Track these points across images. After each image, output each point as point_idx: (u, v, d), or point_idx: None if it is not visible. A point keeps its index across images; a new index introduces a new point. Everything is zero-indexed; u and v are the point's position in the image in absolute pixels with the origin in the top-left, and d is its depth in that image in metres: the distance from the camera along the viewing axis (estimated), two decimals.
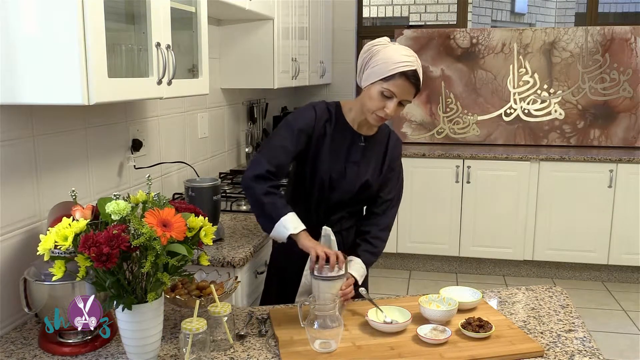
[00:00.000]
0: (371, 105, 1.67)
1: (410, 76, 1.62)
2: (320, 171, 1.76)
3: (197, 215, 1.30)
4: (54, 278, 1.19)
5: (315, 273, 1.55)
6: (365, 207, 1.91)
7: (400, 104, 1.66)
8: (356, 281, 1.70)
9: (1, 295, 1.47)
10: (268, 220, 1.68)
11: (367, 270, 1.80)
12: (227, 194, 2.59)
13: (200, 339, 1.28)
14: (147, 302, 1.22)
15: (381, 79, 1.64)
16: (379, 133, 1.84)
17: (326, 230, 1.72)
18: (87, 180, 1.86)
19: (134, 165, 2.15)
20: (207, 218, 1.31)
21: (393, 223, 1.89)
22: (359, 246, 1.81)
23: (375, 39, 1.71)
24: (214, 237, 1.40)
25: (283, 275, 1.92)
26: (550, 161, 4.02)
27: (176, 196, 2.45)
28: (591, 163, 3.96)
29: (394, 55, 1.64)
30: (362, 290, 1.68)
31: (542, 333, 1.48)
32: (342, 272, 1.56)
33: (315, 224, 1.74)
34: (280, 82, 3.20)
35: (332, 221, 1.80)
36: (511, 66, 4.48)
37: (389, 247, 4.34)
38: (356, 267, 1.73)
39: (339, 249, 1.71)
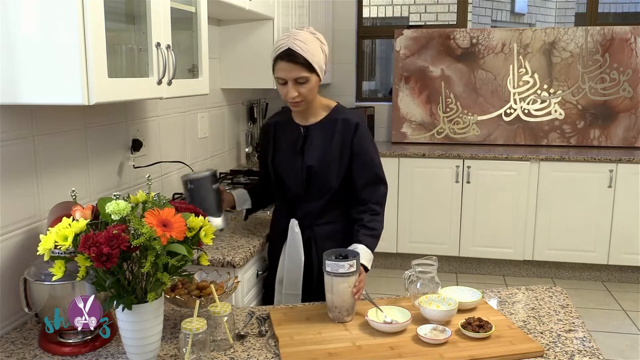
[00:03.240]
0: (281, 96, 1.81)
1: (283, 56, 1.73)
2: (269, 167, 1.96)
3: (197, 215, 1.30)
4: (54, 278, 1.19)
5: (329, 269, 1.57)
6: (351, 197, 1.92)
7: (298, 82, 1.75)
8: (365, 268, 1.75)
9: (1, 295, 1.48)
10: None
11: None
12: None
13: (200, 339, 1.28)
14: (147, 302, 1.22)
15: (273, 73, 1.80)
16: (325, 121, 1.88)
17: (293, 222, 1.93)
18: (87, 180, 1.86)
19: (133, 165, 2.15)
20: (209, 210, 1.32)
21: (384, 199, 1.89)
22: (358, 232, 1.84)
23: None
24: (221, 226, 1.46)
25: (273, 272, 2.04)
26: (550, 161, 4.02)
27: (176, 196, 2.45)
28: (591, 163, 3.96)
29: (273, 47, 1.80)
30: None
31: (542, 333, 1.48)
32: (354, 268, 1.58)
33: (285, 219, 1.95)
34: None
35: (300, 215, 1.92)
36: (511, 66, 4.48)
37: (389, 247, 4.35)
38: (362, 253, 1.75)
39: (309, 243, 1.93)
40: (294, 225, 1.92)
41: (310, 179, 1.86)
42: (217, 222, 1.95)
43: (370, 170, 1.87)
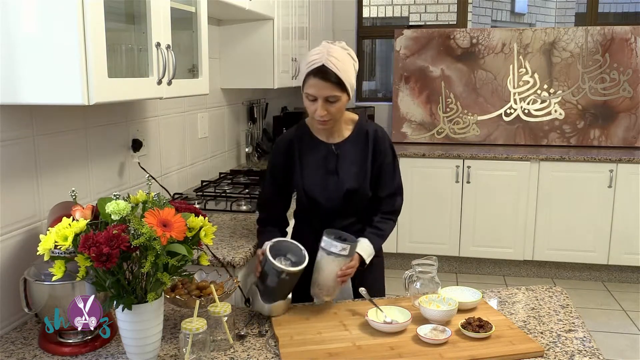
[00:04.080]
0: (308, 112, 1.74)
1: (316, 73, 1.65)
2: (297, 187, 1.84)
3: (197, 215, 1.30)
4: (54, 278, 1.19)
5: (322, 245, 1.61)
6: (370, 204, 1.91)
7: (329, 101, 1.68)
8: (362, 262, 1.75)
9: (1, 295, 1.48)
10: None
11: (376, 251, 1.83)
12: (227, 194, 2.59)
13: (200, 339, 1.28)
14: (147, 302, 1.22)
15: (302, 87, 1.71)
16: (355, 135, 1.83)
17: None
18: (87, 180, 1.86)
19: (139, 163, 2.15)
20: (278, 297, 1.43)
21: (400, 209, 1.90)
22: (366, 230, 1.85)
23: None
24: (280, 313, 1.51)
25: None
26: (550, 161, 4.02)
27: (176, 196, 2.45)
28: (591, 163, 3.96)
29: (305, 60, 1.70)
30: (362, 290, 1.68)
31: (542, 333, 1.48)
32: (347, 253, 1.60)
33: (315, 236, 1.73)
34: (280, 82, 3.20)
35: None
36: (511, 66, 4.48)
37: (389, 247, 4.34)
38: (363, 246, 1.76)
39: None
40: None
41: (350, 197, 1.81)
42: (281, 306, 1.58)
43: (393, 182, 1.87)
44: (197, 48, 1.94)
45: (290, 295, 1.61)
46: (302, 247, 1.63)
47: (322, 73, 1.65)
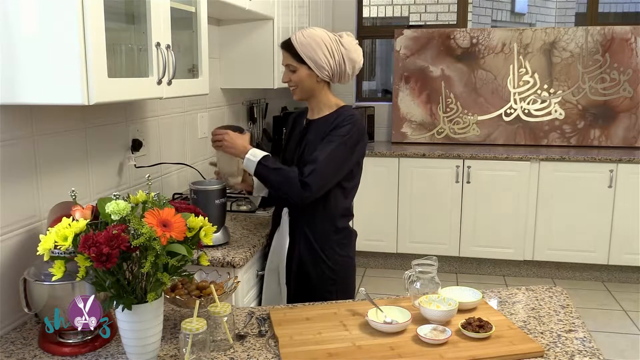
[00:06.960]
0: None
1: (281, 44, 1.93)
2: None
3: (197, 215, 1.30)
4: (53, 278, 1.18)
5: None
6: None
7: (290, 70, 1.91)
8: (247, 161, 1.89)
9: (1, 295, 1.47)
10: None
11: (261, 167, 1.86)
12: (227, 194, 2.58)
13: (200, 339, 1.28)
14: (147, 302, 1.22)
15: None
16: (328, 116, 1.93)
17: (285, 210, 2.00)
18: (87, 180, 1.86)
19: (135, 165, 2.15)
20: (207, 218, 1.31)
21: (311, 184, 1.80)
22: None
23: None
24: (217, 241, 1.43)
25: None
26: (550, 161, 4.02)
27: (176, 196, 2.45)
28: (591, 163, 3.96)
29: None
30: (362, 290, 1.68)
31: (542, 333, 1.48)
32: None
33: (281, 207, 2.02)
34: (280, 82, 3.18)
35: (291, 206, 1.97)
36: (511, 66, 4.48)
37: (389, 247, 4.35)
38: (256, 150, 1.89)
39: (294, 234, 1.97)
40: (285, 214, 1.99)
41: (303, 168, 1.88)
42: (215, 236, 1.86)
43: (318, 155, 1.83)
44: (197, 48, 1.94)
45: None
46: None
47: (283, 44, 1.92)
